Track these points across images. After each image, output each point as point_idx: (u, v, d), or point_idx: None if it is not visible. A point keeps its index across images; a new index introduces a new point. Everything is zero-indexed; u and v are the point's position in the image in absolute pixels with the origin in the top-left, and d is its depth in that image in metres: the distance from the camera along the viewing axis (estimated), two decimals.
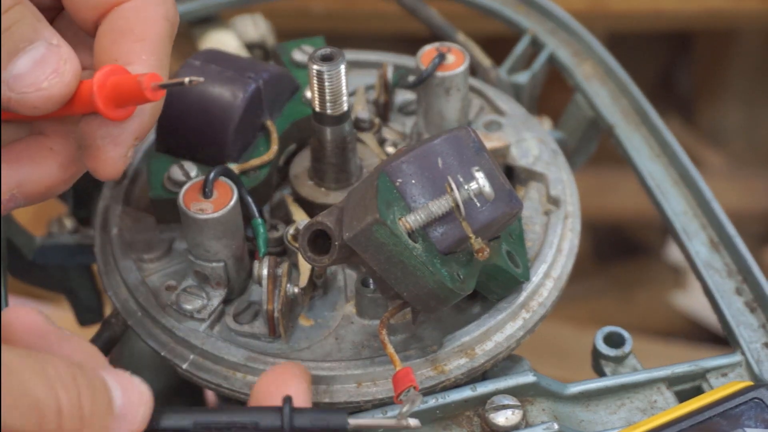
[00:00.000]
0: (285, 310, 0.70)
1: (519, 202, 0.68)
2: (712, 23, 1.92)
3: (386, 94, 0.84)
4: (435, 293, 0.64)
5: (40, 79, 0.59)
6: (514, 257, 0.72)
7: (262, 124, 0.78)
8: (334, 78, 0.71)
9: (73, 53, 0.61)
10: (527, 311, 0.73)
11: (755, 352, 0.73)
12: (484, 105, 0.87)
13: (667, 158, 0.86)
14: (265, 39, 0.98)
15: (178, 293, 0.73)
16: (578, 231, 0.78)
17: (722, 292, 0.77)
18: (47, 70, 0.59)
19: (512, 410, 0.68)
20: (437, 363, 0.70)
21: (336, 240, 0.64)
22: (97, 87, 0.60)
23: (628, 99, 0.90)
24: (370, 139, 0.81)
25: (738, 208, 1.87)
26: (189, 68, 0.76)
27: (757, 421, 0.65)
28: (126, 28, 0.62)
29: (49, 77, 0.59)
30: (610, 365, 0.74)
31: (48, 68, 0.59)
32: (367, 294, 0.72)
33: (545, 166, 0.81)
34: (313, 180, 0.77)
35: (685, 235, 0.80)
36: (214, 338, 0.71)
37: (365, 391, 0.69)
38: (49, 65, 0.59)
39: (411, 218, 0.64)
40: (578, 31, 0.95)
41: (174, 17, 0.65)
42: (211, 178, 0.69)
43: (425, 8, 0.98)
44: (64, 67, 0.60)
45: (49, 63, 0.59)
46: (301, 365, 0.65)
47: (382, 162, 0.68)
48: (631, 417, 0.70)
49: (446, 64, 0.78)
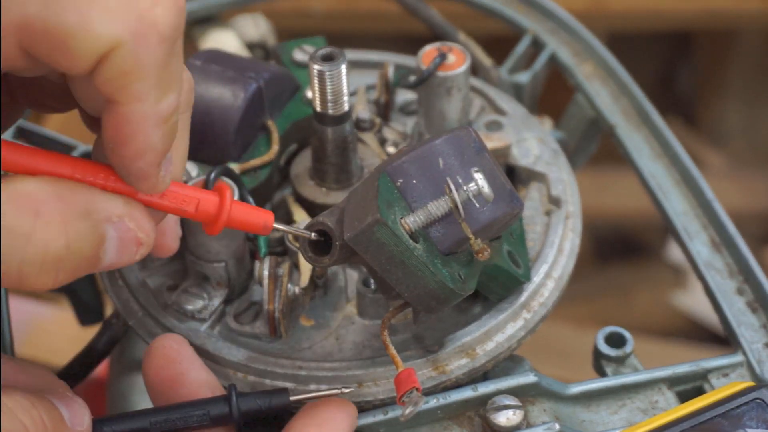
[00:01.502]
0: (286, 310, 0.70)
1: (520, 202, 0.68)
2: (712, 23, 1.92)
3: (387, 94, 0.84)
4: (436, 293, 0.64)
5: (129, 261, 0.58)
6: (515, 257, 0.72)
7: (263, 123, 0.78)
8: (335, 78, 0.71)
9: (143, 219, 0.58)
10: (528, 311, 0.73)
11: (756, 353, 0.73)
12: (485, 105, 0.87)
13: (668, 158, 0.86)
14: (265, 39, 0.98)
15: (179, 293, 0.73)
16: (579, 231, 0.78)
17: (723, 292, 0.77)
18: (131, 254, 0.57)
19: (513, 410, 0.68)
20: (438, 363, 0.70)
21: (337, 240, 0.64)
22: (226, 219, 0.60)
23: (629, 99, 0.90)
24: (371, 139, 0.81)
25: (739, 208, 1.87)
26: (189, 68, 0.76)
27: (758, 421, 0.65)
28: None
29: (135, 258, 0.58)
30: (611, 365, 0.74)
31: (130, 252, 0.57)
32: (368, 294, 0.72)
33: (546, 166, 0.81)
34: (314, 180, 0.77)
35: (686, 235, 0.80)
36: (215, 338, 0.71)
37: (366, 391, 0.69)
38: (129, 250, 0.57)
39: (410, 219, 0.64)
40: (579, 31, 0.95)
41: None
42: (212, 177, 0.69)
43: (426, 8, 0.98)
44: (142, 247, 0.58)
45: (129, 249, 0.57)
46: (346, 402, 0.66)
47: (382, 162, 0.68)
48: (632, 417, 0.70)
49: (447, 64, 0.78)
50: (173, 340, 0.66)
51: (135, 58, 0.52)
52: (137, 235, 0.57)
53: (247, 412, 0.64)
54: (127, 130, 0.54)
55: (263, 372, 0.70)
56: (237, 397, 0.64)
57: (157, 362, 0.65)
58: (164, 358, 0.65)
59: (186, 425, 0.63)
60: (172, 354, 0.65)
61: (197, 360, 0.66)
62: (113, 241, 0.56)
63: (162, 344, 0.66)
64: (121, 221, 0.56)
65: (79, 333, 1.00)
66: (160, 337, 0.66)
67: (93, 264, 0.56)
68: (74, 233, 0.54)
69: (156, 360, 0.65)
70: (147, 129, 0.54)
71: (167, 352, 0.65)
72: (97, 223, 0.55)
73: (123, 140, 0.54)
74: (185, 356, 0.66)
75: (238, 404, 0.63)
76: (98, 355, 0.78)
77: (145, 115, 0.53)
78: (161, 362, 0.65)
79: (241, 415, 0.64)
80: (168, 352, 0.65)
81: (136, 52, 0.52)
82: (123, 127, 0.54)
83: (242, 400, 0.64)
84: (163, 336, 0.66)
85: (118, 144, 0.54)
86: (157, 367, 0.65)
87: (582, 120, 0.92)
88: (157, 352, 0.65)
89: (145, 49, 0.52)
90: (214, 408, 0.63)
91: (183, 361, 0.65)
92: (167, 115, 0.54)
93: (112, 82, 0.52)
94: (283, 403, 0.65)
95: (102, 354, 0.78)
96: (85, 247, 0.54)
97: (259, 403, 0.64)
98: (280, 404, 0.65)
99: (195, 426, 0.63)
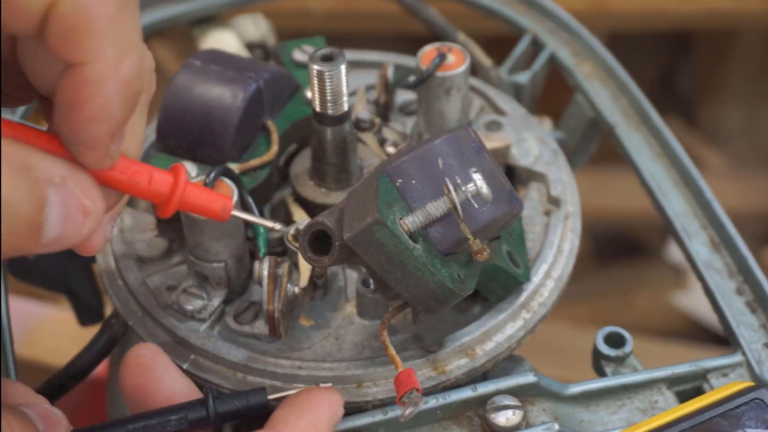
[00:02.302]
0: (285, 310, 0.70)
1: (519, 202, 0.68)
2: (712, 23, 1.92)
3: (387, 94, 0.84)
4: (435, 294, 0.64)
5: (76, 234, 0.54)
6: (515, 257, 0.72)
7: (263, 124, 0.78)
8: (335, 78, 0.71)
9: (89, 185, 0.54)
10: (528, 311, 0.73)
11: (756, 353, 0.73)
12: (485, 105, 0.87)
13: (668, 158, 0.86)
14: (265, 39, 0.98)
15: (179, 293, 0.73)
16: (579, 231, 0.78)
17: (723, 292, 0.77)
18: (77, 224, 0.53)
19: (513, 410, 0.68)
20: (438, 363, 0.70)
21: (336, 240, 0.64)
22: (179, 198, 0.59)
23: (629, 99, 0.90)
24: (371, 139, 0.81)
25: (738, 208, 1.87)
26: (189, 68, 0.76)
27: (757, 421, 0.65)
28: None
29: (82, 231, 0.54)
30: (610, 365, 0.74)
31: (76, 223, 0.53)
32: (368, 294, 0.72)
33: (546, 166, 0.81)
34: (314, 180, 0.77)
35: (686, 236, 0.80)
36: (214, 338, 0.71)
37: (366, 391, 0.69)
38: (74, 220, 0.53)
39: (409, 220, 0.64)
40: (579, 31, 0.95)
41: None
42: (211, 178, 0.69)
43: (426, 8, 0.98)
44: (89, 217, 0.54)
45: (74, 217, 0.53)
46: (329, 389, 0.66)
47: (382, 162, 0.68)
48: (632, 417, 0.70)
49: (447, 64, 0.78)
50: (147, 349, 0.66)
51: (83, 8, 0.50)
52: (83, 202, 0.53)
53: (225, 414, 0.64)
54: (85, 92, 0.51)
55: (263, 372, 0.70)
56: (214, 400, 0.64)
57: (132, 371, 0.65)
58: (139, 366, 0.65)
59: (164, 430, 0.63)
60: (146, 362, 0.65)
61: (172, 367, 0.66)
62: (56, 206, 0.52)
63: (136, 353, 0.65)
64: (63, 184, 0.52)
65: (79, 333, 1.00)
66: (135, 346, 0.66)
67: (34, 229, 0.51)
68: (9, 186, 0.50)
69: (131, 369, 0.65)
70: (107, 90, 0.51)
71: (141, 360, 0.65)
72: (36, 182, 0.51)
73: (79, 103, 0.51)
74: (160, 364, 0.65)
75: (215, 406, 0.64)
76: (98, 355, 0.78)
77: (104, 74, 0.51)
78: (136, 371, 0.65)
79: (219, 417, 0.64)
80: (142, 360, 0.65)
81: (83, 2, 0.50)
82: (81, 89, 0.51)
83: (219, 402, 0.64)
84: (138, 345, 0.66)
85: (73, 107, 0.51)
86: (132, 375, 0.65)
87: (582, 120, 0.92)
88: (132, 361, 0.65)
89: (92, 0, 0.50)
90: (192, 412, 0.63)
91: (158, 368, 0.65)
92: (128, 80, 0.52)
93: (63, 39, 0.50)
94: (261, 402, 0.65)
95: (102, 354, 0.78)
96: (22, 205, 0.50)
97: (237, 404, 0.65)
98: (258, 403, 0.65)
99: (173, 431, 0.63)
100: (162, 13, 0.97)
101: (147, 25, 0.97)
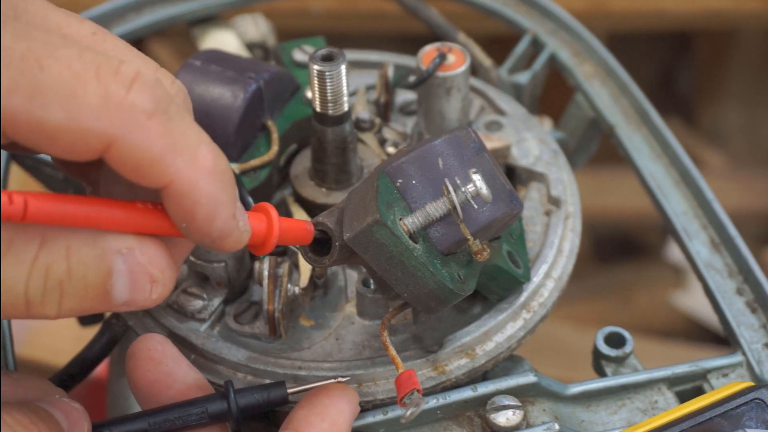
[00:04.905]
0: (285, 310, 0.70)
1: (519, 202, 0.68)
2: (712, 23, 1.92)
3: (387, 94, 0.84)
4: (435, 294, 0.64)
5: (145, 299, 0.55)
6: (515, 258, 0.72)
7: (263, 124, 0.78)
8: (335, 78, 0.71)
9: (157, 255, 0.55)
10: (528, 311, 0.73)
11: (756, 353, 0.73)
12: (485, 105, 0.87)
13: (668, 158, 0.86)
14: (265, 39, 0.98)
15: (179, 293, 0.73)
16: (579, 231, 0.78)
17: (723, 292, 0.77)
18: (145, 292, 0.55)
19: (513, 410, 0.68)
20: (438, 363, 0.70)
21: (336, 240, 0.64)
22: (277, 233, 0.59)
23: (629, 99, 0.90)
24: (371, 140, 0.81)
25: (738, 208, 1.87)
26: (189, 68, 0.76)
27: (758, 421, 0.65)
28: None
29: (151, 297, 0.55)
30: (610, 365, 0.74)
31: (144, 290, 0.55)
32: (368, 294, 0.72)
33: (546, 167, 0.81)
34: (314, 180, 0.77)
35: (686, 236, 0.80)
36: (214, 338, 0.71)
37: (366, 391, 0.69)
38: (142, 287, 0.55)
39: (409, 220, 0.64)
40: (579, 32, 0.95)
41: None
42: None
43: (426, 8, 0.98)
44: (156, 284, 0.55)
45: (141, 285, 0.55)
46: (346, 386, 0.66)
47: (382, 162, 0.68)
48: (632, 417, 0.70)
49: (447, 64, 0.78)
50: (156, 341, 0.65)
51: (136, 145, 0.51)
52: (149, 271, 0.54)
53: (246, 408, 0.64)
54: (187, 204, 0.53)
55: (263, 372, 0.70)
56: (235, 393, 0.64)
57: (143, 365, 0.64)
58: (150, 360, 0.64)
59: (185, 424, 0.62)
60: (156, 356, 0.64)
61: (182, 359, 0.65)
62: (122, 274, 0.54)
63: (145, 345, 0.64)
64: (130, 253, 0.54)
65: (79, 333, 1.00)
66: (142, 338, 0.65)
67: (101, 296, 0.54)
68: (77, 258, 0.53)
69: (141, 363, 0.64)
70: (202, 190, 0.53)
71: (152, 354, 0.64)
72: (103, 252, 0.53)
73: (191, 215, 0.53)
74: (170, 357, 0.65)
75: (236, 400, 0.63)
76: (98, 356, 0.78)
77: (190, 180, 0.53)
78: (147, 365, 0.64)
79: (240, 410, 0.63)
80: (153, 354, 0.64)
81: (133, 140, 0.51)
82: (183, 204, 0.53)
83: (240, 396, 0.64)
84: (145, 336, 0.65)
85: (189, 219, 0.54)
86: (143, 370, 0.64)
87: (582, 120, 0.92)
88: (141, 354, 0.64)
89: (139, 134, 0.51)
90: (213, 405, 0.63)
91: (168, 362, 0.64)
92: (211, 166, 0.54)
93: (136, 174, 0.52)
94: (280, 396, 0.65)
95: (102, 354, 0.78)
96: (89, 274, 0.53)
97: (257, 397, 0.64)
98: (278, 397, 0.65)
99: (194, 424, 0.63)
100: (162, 13, 0.97)
101: (147, 25, 0.97)
